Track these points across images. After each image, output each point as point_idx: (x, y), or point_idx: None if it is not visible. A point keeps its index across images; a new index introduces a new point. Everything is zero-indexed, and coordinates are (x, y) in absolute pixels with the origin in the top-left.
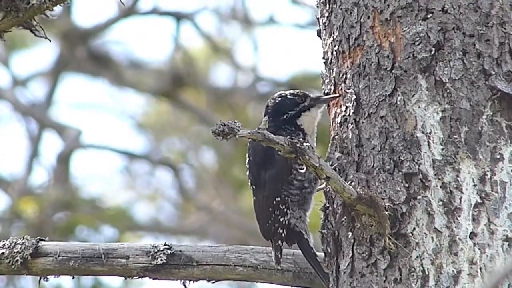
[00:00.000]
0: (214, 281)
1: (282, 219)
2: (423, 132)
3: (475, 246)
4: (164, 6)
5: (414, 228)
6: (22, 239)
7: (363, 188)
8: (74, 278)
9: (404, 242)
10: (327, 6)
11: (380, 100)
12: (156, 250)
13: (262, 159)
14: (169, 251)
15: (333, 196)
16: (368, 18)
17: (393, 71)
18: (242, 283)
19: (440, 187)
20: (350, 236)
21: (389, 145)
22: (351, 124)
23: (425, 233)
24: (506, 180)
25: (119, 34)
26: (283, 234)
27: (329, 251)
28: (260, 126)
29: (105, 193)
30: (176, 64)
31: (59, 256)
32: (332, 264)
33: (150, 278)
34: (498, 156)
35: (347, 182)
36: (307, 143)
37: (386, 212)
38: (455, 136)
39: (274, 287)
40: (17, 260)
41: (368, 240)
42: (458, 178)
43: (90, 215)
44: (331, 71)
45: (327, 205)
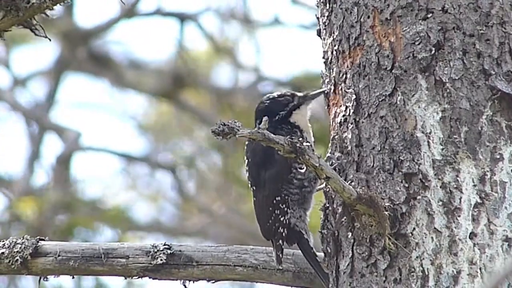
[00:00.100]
0: (214, 281)
1: (282, 218)
2: (423, 132)
3: (475, 246)
4: (166, 7)
5: (414, 228)
6: (22, 238)
7: (363, 188)
8: (74, 278)
9: (404, 242)
10: (327, 5)
11: (380, 100)
12: (156, 250)
13: (262, 159)
14: (169, 251)
15: (333, 196)
16: (368, 17)
17: (393, 71)
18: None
19: (440, 187)
20: (350, 236)
21: (389, 145)
22: (351, 124)
23: (425, 233)
24: (506, 180)
25: (120, 35)
26: (283, 234)
27: (329, 251)
28: (261, 126)
29: (105, 194)
30: (177, 65)
31: (59, 256)
32: (332, 264)
33: (150, 278)
34: (498, 156)
35: (347, 182)
36: (307, 142)
37: (386, 212)
38: (455, 136)
39: (274, 287)
40: (17, 259)
41: (368, 240)
42: (458, 178)
43: (89, 217)
44: (331, 70)
45: (327, 205)
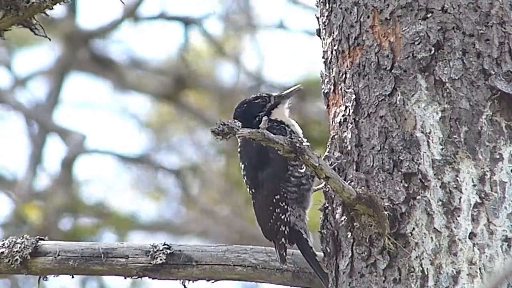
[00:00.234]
0: (213, 280)
1: (283, 217)
2: (422, 132)
3: (475, 246)
4: (170, 11)
5: (414, 228)
6: (21, 238)
7: (363, 188)
8: (73, 277)
9: (403, 242)
10: (327, 5)
11: (380, 99)
12: (155, 250)
13: (257, 160)
14: (168, 251)
15: (332, 196)
16: (368, 17)
17: (392, 71)
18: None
19: (440, 187)
20: (349, 236)
21: (388, 144)
22: (351, 123)
23: (424, 233)
24: (505, 180)
25: (123, 37)
26: (285, 232)
27: (328, 251)
28: (260, 126)
29: (108, 195)
30: (179, 66)
31: (58, 255)
32: (331, 264)
33: (149, 277)
34: (498, 156)
35: (347, 182)
36: (307, 142)
37: (386, 212)
38: (454, 136)
39: (274, 287)
40: (16, 259)
41: (367, 240)
42: (458, 178)
43: (95, 224)
44: (331, 70)
45: (327, 204)
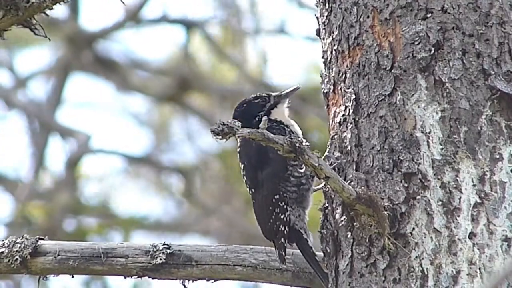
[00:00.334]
0: (213, 280)
1: (283, 216)
2: (422, 132)
3: (474, 246)
4: (172, 14)
5: (413, 228)
6: (21, 238)
7: (363, 187)
8: (73, 277)
9: (403, 242)
10: (327, 5)
11: (380, 99)
12: (155, 250)
13: (257, 160)
14: (168, 251)
15: (332, 196)
16: (368, 17)
17: (392, 71)
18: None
19: (440, 187)
20: (349, 236)
21: (388, 144)
22: (351, 123)
23: (424, 233)
24: (505, 180)
25: (126, 40)
26: (285, 232)
27: (328, 251)
28: (260, 125)
29: (112, 194)
30: (182, 68)
31: (58, 255)
32: (331, 264)
33: (149, 277)
34: (498, 156)
35: (346, 182)
36: (306, 142)
37: (385, 212)
38: (454, 136)
39: (274, 287)
40: (16, 259)
41: (367, 240)
42: (458, 178)
43: (99, 225)
44: (331, 70)
45: (326, 204)
